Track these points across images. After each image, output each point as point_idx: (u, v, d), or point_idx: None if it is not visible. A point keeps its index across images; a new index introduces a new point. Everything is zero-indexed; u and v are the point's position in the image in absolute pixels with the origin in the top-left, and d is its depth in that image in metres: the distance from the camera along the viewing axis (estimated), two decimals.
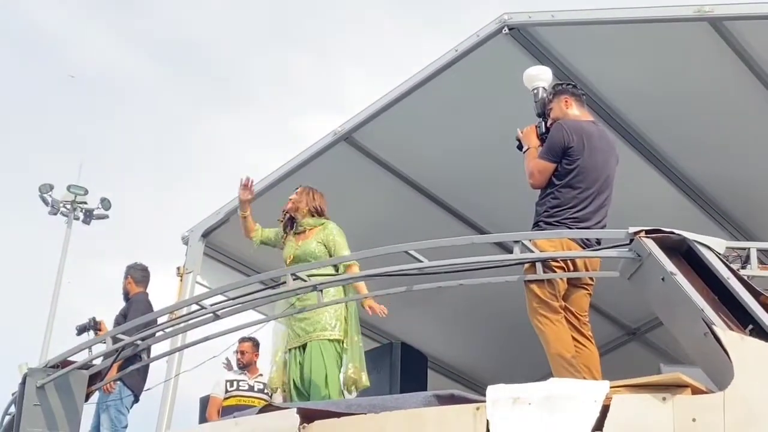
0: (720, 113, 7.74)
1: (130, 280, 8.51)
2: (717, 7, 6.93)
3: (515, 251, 5.01)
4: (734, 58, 7.25)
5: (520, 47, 7.58)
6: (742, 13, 6.93)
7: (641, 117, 7.89)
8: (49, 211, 26.96)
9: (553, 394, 4.25)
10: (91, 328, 8.25)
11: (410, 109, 8.13)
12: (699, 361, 4.40)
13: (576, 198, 5.53)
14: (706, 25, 7.06)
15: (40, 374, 5.94)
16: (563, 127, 5.69)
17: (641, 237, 4.61)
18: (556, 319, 5.30)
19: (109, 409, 8.01)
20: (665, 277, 4.47)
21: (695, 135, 7.96)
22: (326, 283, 5.44)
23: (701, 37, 7.15)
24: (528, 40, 7.56)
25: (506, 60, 7.62)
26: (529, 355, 9.80)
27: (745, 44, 7.16)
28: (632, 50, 7.49)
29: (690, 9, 7.01)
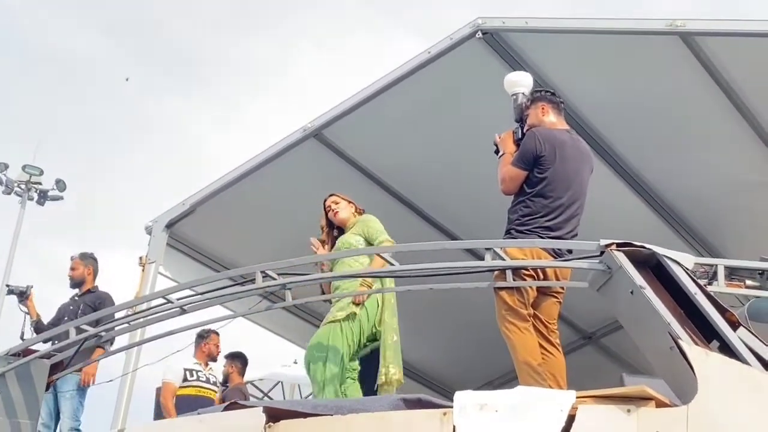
0: (688, 127, 7.82)
1: (91, 271, 8.49)
2: (689, 22, 6.99)
3: (486, 258, 5.04)
4: (703, 72, 7.32)
5: (493, 52, 7.61)
6: (713, 30, 7.01)
7: (611, 128, 7.96)
8: (2, 191, 26.69)
9: (520, 402, 4.25)
10: (20, 295, 8.30)
11: (381, 108, 8.12)
12: (663, 374, 4.42)
13: (547, 207, 5.57)
14: (677, 39, 7.12)
15: (1, 362, 5.90)
16: (536, 135, 5.73)
17: (612, 250, 4.63)
18: (524, 326, 5.34)
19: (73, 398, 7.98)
20: (634, 290, 4.50)
21: (663, 148, 8.02)
22: (295, 282, 5.42)
23: (672, 50, 7.21)
24: (501, 46, 7.58)
25: (479, 64, 7.66)
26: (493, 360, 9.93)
27: (715, 60, 7.23)
28: (604, 61, 7.54)
29: (662, 22, 7.09)
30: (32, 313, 8.32)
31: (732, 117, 7.64)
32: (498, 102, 6.53)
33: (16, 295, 8.33)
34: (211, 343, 9.13)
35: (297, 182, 8.74)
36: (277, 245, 8.51)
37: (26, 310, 8.34)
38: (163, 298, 5.79)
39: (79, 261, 8.57)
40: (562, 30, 7.45)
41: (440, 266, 5.04)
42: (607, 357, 10.51)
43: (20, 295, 8.31)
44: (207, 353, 9.16)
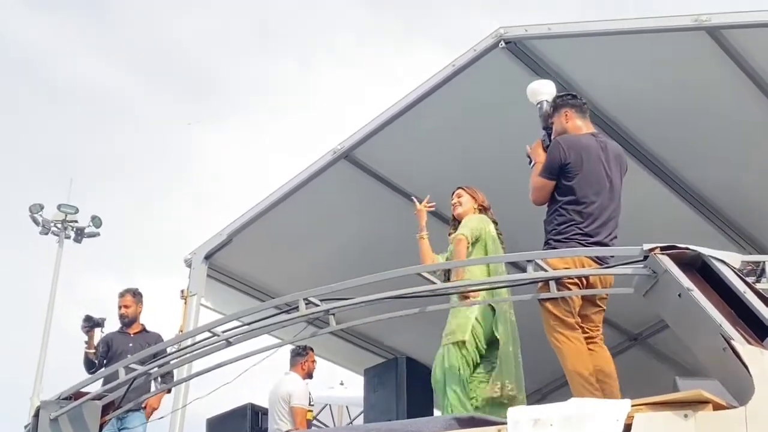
0: (721, 122, 7.76)
1: (141, 308, 8.52)
2: (714, 16, 6.95)
3: (529, 270, 5.01)
4: (733, 66, 7.27)
5: (517, 60, 7.61)
6: (738, 22, 6.95)
7: (642, 127, 7.91)
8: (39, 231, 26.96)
9: (574, 415, 4.23)
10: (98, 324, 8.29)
11: (409, 125, 8.14)
12: (718, 375, 4.37)
13: (581, 213, 5.53)
14: (703, 34, 7.08)
15: (54, 406, 5.93)
16: (559, 144, 5.71)
17: (656, 254, 4.61)
18: (573, 336, 5.30)
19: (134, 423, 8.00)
20: (682, 293, 4.46)
21: (698, 144, 7.98)
22: (338, 307, 5.41)
23: (699, 46, 7.17)
24: (525, 54, 7.58)
25: (504, 73, 7.65)
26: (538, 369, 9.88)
27: (743, 52, 7.19)
28: (630, 61, 7.50)
29: (687, 18, 7.04)
30: (91, 344, 8.26)
31: (765, 107, 7.57)
32: (526, 110, 6.50)
33: (96, 323, 8.27)
34: (309, 360, 8.86)
35: (331, 204, 8.76)
36: (316, 269, 8.54)
37: (86, 339, 8.26)
38: (209, 332, 5.79)
39: (131, 299, 8.50)
40: (586, 33, 7.42)
41: (483, 281, 5.02)
42: (655, 357, 10.43)
43: (99, 324, 8.29)
44: (306, 371, 8.87)
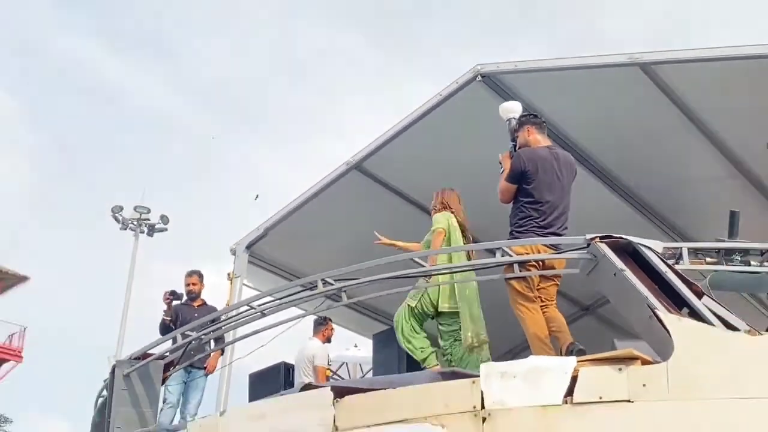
0: (652, 139, 7.72)
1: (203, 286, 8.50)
2: (646, 54, 6.96)
3: (497, 256, 5.04)
4: (660, 94, 7.25)
5: (491, 91, 7.58)
6: (666, 59, 6.96)
7: (589, 142, 7.88)
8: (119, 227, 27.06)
9: (533, 368, 4.25)
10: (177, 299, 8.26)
11: (408, 141, 8.11)
12: (646, 337, 4.38)
13: (537, 210, 5.54)
14: (637, 69, 7.06)
15: (126, 364, 5.97)
16: (520, 155, 5.73)
17: (596, 242, 4.64)
18: (532, 307, 5.31)
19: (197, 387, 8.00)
20: (616, 273, 4.49)
21: (633, 156, 7.92)
22: (348, 285, 5.43)
23: (633, 78, 7.14)
24: (497, 85, 7.55)
25: (481, 101, 7.62)
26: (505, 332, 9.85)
27: (670, 83, 7.17)
28: (579, 90, 7.46)
29: (624, 56, 7.04)
30: (168, 312, 8.18)
31: (687, 128, 7.55)
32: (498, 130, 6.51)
33: (177, 297, 8.24)
34: (328, 328, 8.88)
35: (345, 207, 8.77)
36: (334, 257, 8.52)
37: (166, 309, 8.22)
38: (248, 306, 5.82)
39: (197, 278, 8.44)
40: (544, 69, 7.40)
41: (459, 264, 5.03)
42: (603, 324, 10.36)
43: (179, 298, 8.26)
44: (326, 337, 8.86)
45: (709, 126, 7.58)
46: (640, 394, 4.00)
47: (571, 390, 4.07)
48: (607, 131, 7.72)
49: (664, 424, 3.94)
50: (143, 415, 5.90)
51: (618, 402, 4.01)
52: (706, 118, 7.50)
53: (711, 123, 7.55)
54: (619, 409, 3.99)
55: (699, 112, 7.43)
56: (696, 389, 3.99)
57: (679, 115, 7.42)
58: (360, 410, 4.51)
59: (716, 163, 7.88)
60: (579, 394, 4.06)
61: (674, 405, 3.97)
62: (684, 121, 7.46)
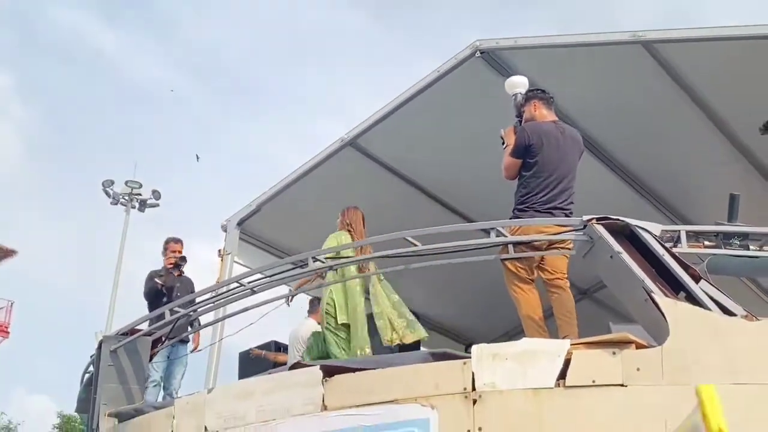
0: (653, 118, 7.70)
1: None
2: (648, 33, 6.92)
3: (491, 236, 5.02)
4: (663, 73, 7.23)
5: (490, 67, 7.55)
6: (669, 37, 6.92)
7: (588, 121, 7.82)
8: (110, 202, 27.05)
9: (525, 351, 4.25)
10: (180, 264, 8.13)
11: (404, 118, 8.09)
12: (641, 321, 4.39)
13: (540, 185, 5.50)
14: (640, 48, 7.03)
15: (113, 340, 5.99)
16: (524, 129, 5.70)
17: (593, 223, 4.62)
18: (527, 288, 5.31)
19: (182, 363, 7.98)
20: (613, 255, 4.48)
21: (634, 136, 7.92)
22: (339, 264, 5.43)
23: (636, 57, 7.12)
24: (496, 62, 7.51)
25: (479, 78, 7.60)
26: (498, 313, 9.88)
27: (672, 62, 7.14)
28: (582, 69, 7.45)
29: (626, 34, 7.01)
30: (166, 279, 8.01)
31: (690, 108, 7.53)
32: (497, 107, 6.49)
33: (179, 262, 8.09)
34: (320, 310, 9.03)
35: (339, 183, 8.75)
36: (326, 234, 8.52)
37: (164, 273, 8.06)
38: (238, 282, 5.83)
39: (182, 247, 8.29)
40: (545, 45, 7.37)
41: (453, 244, 5.01)
42: (601, 308, 10.37)
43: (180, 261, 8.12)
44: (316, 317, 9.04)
45: (712, 108, 7.56)
46: (634, 379, 4.00)
47: (564, 373, 4.07)
48: (608, 111, 7.71)
49: (658, 409, 3.94)
50: (130, 391, 5.93)
51: (611, 386, 4.01)
52: (710, 100, 7.49)
53: (714, 105, 7.53)
54: (613, 393, 4.00)
55: (702, 94, 7.41)
56: (691, 374, 3.97)
57: (681, 96, 7.40)
58: (349, 390, 4.53)
59: (718, 146, 7.88)
60: (572, 377, 4.06)
61: (668, 390, 3.96)
62: (687, 102, 7.44)
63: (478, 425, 4.09)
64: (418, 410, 4.26)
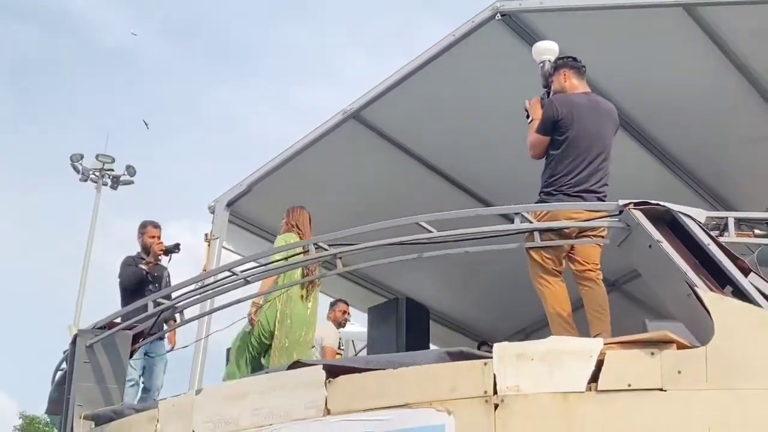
0: (695, 90, 7.70)
1: None
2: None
3: (516, 222, 5.04)
4: (706, 39, 7.23)
5: (512, 32, 7.54)
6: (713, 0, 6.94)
7: (624, 95, 7.81)
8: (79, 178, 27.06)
9: (553, 350, 4.25)
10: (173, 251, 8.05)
11: (415, 88, 8.08)
12: (682, 318, 4.39)
13: (569, 165, 5.50)
14: (681, 11, 7.04)
15: (89, 335, 5.99)
16: (553, 102, 5.69)
17: (630, 208, 4.62)
18: (553, 281, 5.32)
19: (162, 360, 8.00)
20: (652, 244, 4.47)
21: (673, 111, 7.93)
22: (344, 252, 5.44)
23: (676, 21, 7.12)
24: (518, 25, 7.51)
25: (499, 43, 7.60)
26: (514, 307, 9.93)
27: (716, 27, 7.15)
28: (615, 34, 7.43)
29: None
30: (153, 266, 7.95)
31: (734, 78, 7.54)
32: (518, 76, 6.50)
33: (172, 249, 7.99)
34: (338, 310, 9.24)
35: (341, 161, 8.76)
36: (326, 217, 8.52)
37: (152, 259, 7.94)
38: (229, 271, 5.83)
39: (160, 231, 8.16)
40: (574, 8, 7.37)
41: (473, 231, 5.02)
42: (630, 302, 10.45)
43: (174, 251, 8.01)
44: (337, 319, 9.23)
45: (762, 80, 7.57)
46: (675, 382, 4.02)
47: (596, 376, 4.09)
48: (645, 83, 7.70)
49: (701, 415, 3.96)
50: (108, 391, 5.94)
51: (649, 390, 4.03)
52: (759, 72, 7.50)
53: (765, 77, 7.54)
54: (651, 398, 4.02)
55: (751, 64, 7.43)
56: (738, 377, 4.00)
57: (728, 66, 7.41)
58: (356, 392, 4.54)
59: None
60: (605, 380, 4.08)
61: (713, 395, 3.99)
62: (734, 73, 7.45)
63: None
64: (432, 415, 4.27)
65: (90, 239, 25.97)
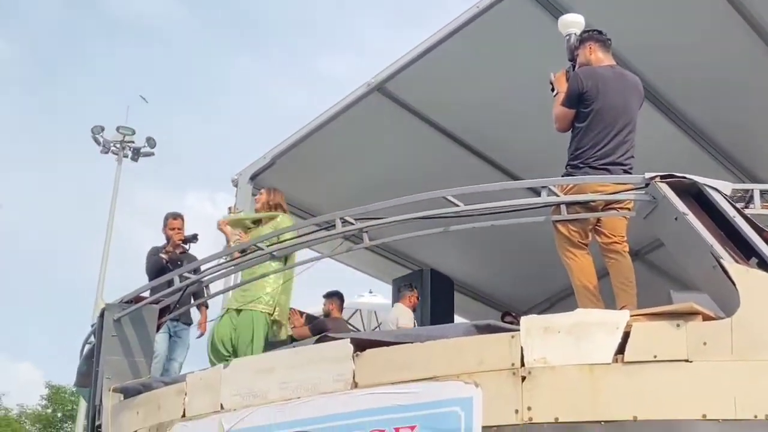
0: (721, 62, 7.67)
1: None
2: None
3: (543, 195, 5.06)
4: (732, 11, 7.20)
5: (537, 3, 7.52)
6: None
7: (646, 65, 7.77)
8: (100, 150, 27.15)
9: (580, 323, 4.29)
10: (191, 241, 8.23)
11: (439, 60, 8.08)
12: (708, 290, 4.41)
13: (595, 138, 5.48)
14: None
15: (117, 309, 6.07)
16: (578, 74, 5.67)
17: (656, 181, 4.64)
18: (580, 253, 5.33)
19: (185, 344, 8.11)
20: (678, 217, 4.50)
21: (698, 82, 7.91)
22: (371, 226, 5.47)
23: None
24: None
25: (524, 14, 7.58)
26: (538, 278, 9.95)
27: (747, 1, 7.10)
28: (640, 7, 7.41)
29: None
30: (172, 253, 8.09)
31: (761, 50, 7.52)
32: (544, 49, 6.48)
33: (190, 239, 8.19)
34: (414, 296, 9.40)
35: (365, 133, 8.78)
36: (351, 191, 8.62)
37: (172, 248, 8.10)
38: (255, 246, 5.89)
39: (182, 222, 8.32)
40: None
41: (500, 204, 5.05)
42: (653, 271, 10.44)
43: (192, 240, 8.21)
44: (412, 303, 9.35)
45: None
46: (700, 354, 4.05)
47: (623, 347, 4.12)
48: (672, 57, 7.67)
49: (727, 386, 3.99)
50: (135, 365, 6.03)
51: (675, 362, 4.06)
52: None
53: None
54: (676, 369, 4.05)
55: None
56: (763, 348, 4.02)
57: (753, 38, 7.39)
58: (383, 365, 4.60)
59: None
60: (631, 352, 4.11)
61: (738, 366, 4.02)
62: (760, 45, 7.42)
63: (527, 404, 4.16)
64: (460, 388, 4.32)
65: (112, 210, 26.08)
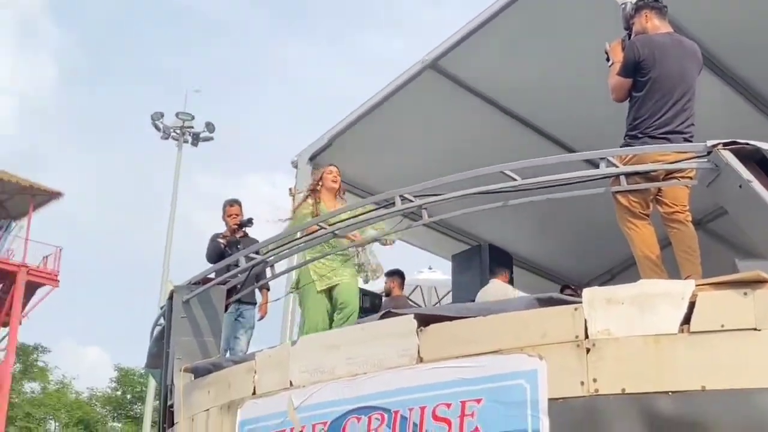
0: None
1: None
2: None
3: (601, 166, 5.03)
4: None
5: None
6: None
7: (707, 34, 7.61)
8: (161, 136, 27.58)
9: (643, 293, 4.27)
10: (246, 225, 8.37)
11: (493, 35, 8.07)
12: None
13: (653, 107, 5.40)
14: None
15: (185, 290, 6.18)
16: (634, 43, 5.60)
17: (719, 149, 4.59)
18: (641, 224, 5.28)
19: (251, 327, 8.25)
20: (742, 184, 4.45)
21: (758, 46, 7.76)
22: (430, 203, 5.49)
23: None
24: None
25: None
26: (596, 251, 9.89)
27: None
28: None
29: None
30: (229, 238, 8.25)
31: None
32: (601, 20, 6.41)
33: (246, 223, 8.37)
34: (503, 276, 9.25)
35: (420, 111, 8.79)
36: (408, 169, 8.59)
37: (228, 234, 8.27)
38: (318, 225, 5.95)
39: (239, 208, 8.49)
40: None
41: (559, 177, 5.03)
42: (715, 240, 10.32)
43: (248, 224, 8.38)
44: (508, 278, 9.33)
45: None
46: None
47: (688, 317, 4.10)
48: (728, 21, 7.56)
49: None
50: (205, 345, 6.14)
51: (743, 330, 4.02)
52: None
53: None
54: (744, 338, 4.01)
55: None
56: None
57: None
58: (447, 340, 4.63)
59: None
60: (697, 321, 4.09)
61: None
62: None
63: (593, 376, 4.16)
64: (524, 361, 4.33)
65: (174, 194, 26.54)
